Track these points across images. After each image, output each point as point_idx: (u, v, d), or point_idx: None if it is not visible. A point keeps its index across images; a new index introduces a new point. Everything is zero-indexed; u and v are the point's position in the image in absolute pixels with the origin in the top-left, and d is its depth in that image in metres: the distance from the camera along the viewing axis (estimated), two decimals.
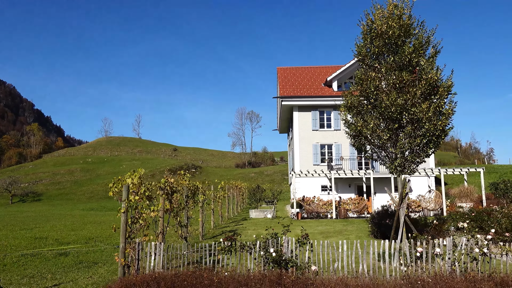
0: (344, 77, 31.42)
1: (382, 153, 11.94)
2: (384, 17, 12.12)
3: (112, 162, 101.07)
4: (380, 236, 15.92)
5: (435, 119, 11.33)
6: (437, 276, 7.25)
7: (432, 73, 11.45)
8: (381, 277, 7.57)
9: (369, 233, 17.54)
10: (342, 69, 30.59)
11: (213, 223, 20.36)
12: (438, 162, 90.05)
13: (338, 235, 17.96)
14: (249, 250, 8.26)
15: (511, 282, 6.84)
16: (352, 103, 12.13)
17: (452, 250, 7.43)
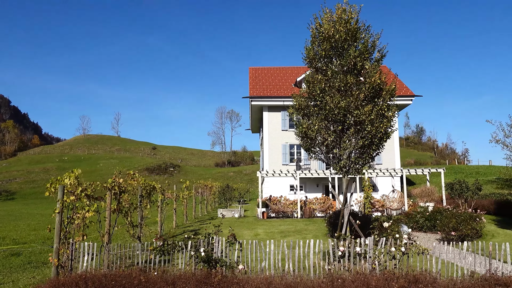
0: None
1: (328, 154, 12.19)
2: (332, 21, 12.37)
3: (89, 160, 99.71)
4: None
5: (378, 122, 11.63)
6: (357, 274, 7.49)
7: (375, 76, 11.74)
8: (306, 276, 7.77)
9: (327, 232, 17.84)
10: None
11: (175, 223, 20.37)
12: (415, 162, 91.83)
13: (296, 235, 18.21)
14: (180, 250, 8.35)
15: (424, 279, 7.12)
16: (300, 104, 12.34)
17: (373, 249, 7.69)
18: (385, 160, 30.48)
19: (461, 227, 14.84)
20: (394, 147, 30.81)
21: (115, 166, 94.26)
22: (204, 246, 8.21)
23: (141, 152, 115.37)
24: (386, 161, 30.47)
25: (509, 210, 19.19)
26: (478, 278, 7.29)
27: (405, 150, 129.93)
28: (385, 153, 30.68)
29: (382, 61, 12.74)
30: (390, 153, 30.66)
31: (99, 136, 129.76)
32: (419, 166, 64.86)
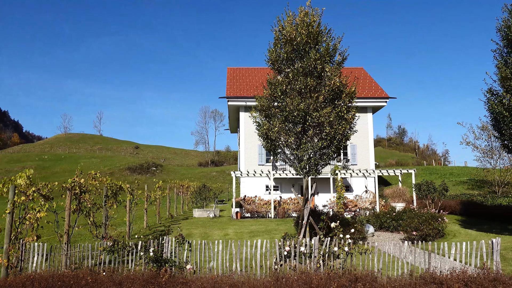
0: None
1: (289, 155, 12.35)
2: (294, 24, 12.54)
3: (70, 159, 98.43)
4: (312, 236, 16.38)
5: (337, 124, 11.84)
6: (302, 273, 7.65)
7: (335, 79, 11.94)
8: (252, 275, 7.90)
9: (296, 233, 17.99)
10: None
11: (145, 223, 20.31)
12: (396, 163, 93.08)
13: (265, 235, 18.35)
14: (131, 250, 8.39)
15: (364, 278, 7.32)
16: (262, 106, 12.47)
17: (318, 249, 7.86)
18: (360, 161, 30.91)
19: (422, 227, 15.18)
20: (369, 148, 31.25)
21: (96, 165, 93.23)
22: (154, 246, 8.26)
23: (123, 151, 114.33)
24: (361, 162, 30.90)
25: (474, 211, 19.67)
26: (416, 277, 7.53)
27: (387, 151, 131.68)
28: (360, 154, 31.16)
29: (343, 64, 12.97)
30: (365, 154, 31.11)
31: (80, 135, 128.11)
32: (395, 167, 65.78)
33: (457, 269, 7.66)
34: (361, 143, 31.13)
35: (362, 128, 31.26)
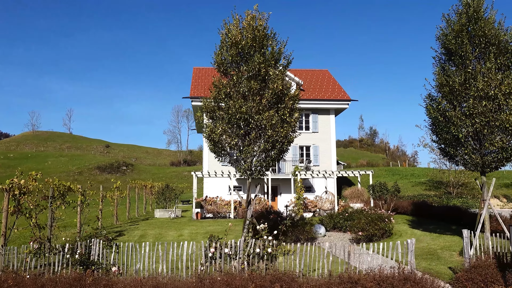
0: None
1: (233, 157, 12.49)
2: (241, 28, 12.69)
3: (37, 158, 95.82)
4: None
5: (279, 127, 12.05)
6: (227, 274, 7.79)
7: (278, 83, 12.16)
8: (178, 277, 8.00)
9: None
10: None
11: (100, 224, 20.06)
12: (367, 163, 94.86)
13: (220, 235, 18.40)
14: (58, 253, 8.34)
15: (285, 278, 7.53)
16: (207, 107, 12.55)
17: (243, 251, 8.03)
18: (322, 162, 31.43)
19: (368, 227, 15.63)
20: (331, 150, 31.81)
21: (65, 164, 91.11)
22: (82, 249, 8.24)
23: (93, 150, 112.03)
24: (323, 163, 31.41)
25: (424, 211, 20.36)
26: (335, 276, 7.80)
27: (359, 152, 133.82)
28: (322, 155, 31.67)
29: (288, 67, 13.21)
30: (327, 155, 31.66)
31: (49, 133, 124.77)
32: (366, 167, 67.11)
33: (375, 269, 7.97)
34: (324, 145, 31.67)
35: (325, 130, 31.83)
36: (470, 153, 12.26)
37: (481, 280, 8.69)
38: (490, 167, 12.33)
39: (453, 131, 12.26)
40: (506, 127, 11.71)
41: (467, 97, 12.15)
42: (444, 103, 12.63)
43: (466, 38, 12.50)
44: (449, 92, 12.52)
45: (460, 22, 12.77)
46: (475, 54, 12.48)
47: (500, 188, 31.12)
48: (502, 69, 12.50)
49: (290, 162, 31.09)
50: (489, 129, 11.93)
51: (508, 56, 12.34)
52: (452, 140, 12.59)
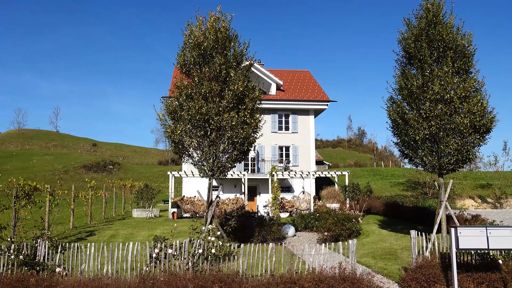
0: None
1: (194, 158, 12.55)
2: (203, 29, 12.77)
3: (22, 156, 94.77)
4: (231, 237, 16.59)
5: (239, 128, 12.15)
6: (171, 275, 7.86)
7: (238, 84, 12.25)
8: (123, 278, 8.05)
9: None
10: None
11: (72, 224, 19.99)
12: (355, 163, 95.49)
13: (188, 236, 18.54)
14: (2, 253, 8.34)
15: (225, 278, 7.62)
16: (168, 108, 12.59)
17: (188, 251, 8.12)
18: (301, 162, 31.61)
19: (334, 227, 15.80)
20: (310, 150, 32.00)
21: (50, 162, 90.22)
22: (28, 249, 8.25)
23: (80, 148, 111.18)
24: (303, 164, 31.60)
25: (395, 212, 20.63)
26: (278, 276, 7.91)
27: (347, 152, 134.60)
28: (302, 155, 31.86)
29: (251, 69, 13.32)
30: (306, 155, 31.85)
31: (35, 131, 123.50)
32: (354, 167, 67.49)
33: (317, 269, 8.11)
34: (303, 145, 31.85)
35: (304, 130, 32.02)
36: (427, 155, 12.48)
37: (424, 280, 8.89)
38: (447, 169, 12.56)
39: (411, 133, 12.48)
40: (461, 130, 11.95)
41: (424, 100, 12.37)
42: (403, 105, 12.84)
43: (425, 42, 12.72)
44: (407, 95, 12.74)
45: (419, 26, 12.99)
46: (434, 58, 12.71)
47: (476, 188, 31.61)
48: (460, 73, 12.75)
49: (270, 162, 31.24)
50: (444, 132, 12.15)
51: (465, 60, 12.59)
52: (410, 142, 12.80)
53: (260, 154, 31.44)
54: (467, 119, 11.89)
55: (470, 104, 11.96)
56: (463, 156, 12.32)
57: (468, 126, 11.92)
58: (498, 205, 29.19)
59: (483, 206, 29.23)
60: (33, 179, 71.53)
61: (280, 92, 32.61)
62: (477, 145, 12.40)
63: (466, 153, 12.26)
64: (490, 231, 8.14)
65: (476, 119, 11.93)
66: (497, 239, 8.12)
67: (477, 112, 11.92)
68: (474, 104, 11.93)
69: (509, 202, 29.38)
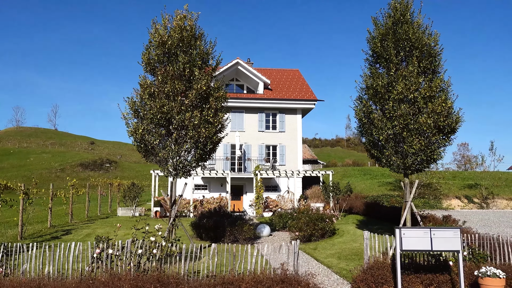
0: (223, 79, 32.14)
1: (157, 157, 12.47)
2: (169, 27, 12.69)
3: (19, 154, 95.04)
4: (204, 237, 16.53)
5: (202, 127, 12.08)
6: (112, 276, 7.81)
7: (202, 83, 12.17)
8: (65, 278, 8.00)
9: (193, 234, 18.05)
10: (219, 71, 31.26)
11: (49, 223, 19.97)
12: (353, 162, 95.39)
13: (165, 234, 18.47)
14: None
15: (166, 279, 7.57)
16: (132, 106, 12.51)
17: (130, 252, 8.07)
18: (288, 161, 31.53)
19: (306, 227, 15.73)
20: (297, 149, 31.91)
21: (47, 160, 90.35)
22: None
23: (77, 146, 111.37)
24: (290, 163, 31.52)
25: (374, 212, 20.55)
26: (219, 277, 7.85)
27: (345, 151, 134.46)
28: (289, 154, 31.78)
29: (217, 68, 13.25)
30: (293, 154, 31.77)
31: (33, 129, 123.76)
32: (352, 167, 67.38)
33: (258, 270, 8.05)
34: (290, 144, 31.77)
35: (291, 130, 31.94)
36: (391, 156, 12.39)
37: (373, 281, 8.82)
38: (411, 169, 12.47)
39: (375, 133, 12.39)
40: (424, 130, 11.85)
41: (389, 100, 12.27)
42: (369, 105, 12.75)
43: (392, 41, 12.61)
44: (373, 94, 12.64)
45: (386, 25, 12.89)
46: (400, 58, 12.60)
47: (463, 189, 31.48)
48: (426, 73, 12.64)
49: (257, 161, 31.18)
50: (408, 132, 12.06)
51: (431, 60, 12.48)
52: (375, 142, 12.71)
53: (247, 153, 31.39)
54: (431, 119, 11.78)
55: (434, 104, 11.85)
56: (428, 156, 12.22)
57: (432, 126, 11.82)
58: (485, 205, 29.07)
59: (469, 206, 29.11)
60: (29, 177, 71.66)
61: (267, 91, 32.52)
62: (442, 145, 12.30)
63: (430, 153, 12.15)
64: (434, 233, 8.07)
65: (440, 119, 11.83)
66: (441, 240, 8.05)
67: (441, 112, 11.81)
68: (439, 104, 11.82)
69: (496, 202, 29.26)
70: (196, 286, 7.39)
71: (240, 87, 33.20)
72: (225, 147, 31.11)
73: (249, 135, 31.47)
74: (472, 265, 9.17)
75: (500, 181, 30.81)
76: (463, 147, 44.58)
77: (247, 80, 32.64)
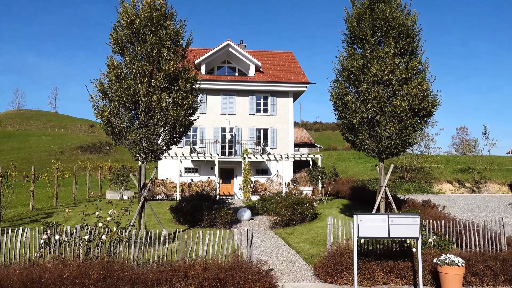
0: (213, 61, 31.66)
1: (125, 140, 12.18)
2: (138, 6, 12.26)
3: (19, 137, 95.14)
4: (182, 221, 16.40)
5: (171, 110, 11.76)
6: (59, 261, 7.63)
7: (170, 64, 11.80)
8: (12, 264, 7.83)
9: (172, 218, 17.86)
10: (210, 53, 30.77)
11: (31, 206, 19.89)
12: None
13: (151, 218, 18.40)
14: None
15: (113, 265, 7.37)
16: (100, 88, 12.17)
17: (79, 237, 7.88)
18: (280, 145, 31.24)
19: (284, 212, 15.53)
20: (289, 133, 31.57)
21: (47, 143, 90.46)
22: None
23: (77, 129, 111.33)
24: (281, 146, 31.23)
25: (359, 196, 20.29)
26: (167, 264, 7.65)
27: None
28: (280, 138, 31.45)
29: (188, 48, 12.85)
30: (285, 138, 31.45)
31: (33, 112, 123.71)
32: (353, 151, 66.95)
33: (210, 257, 7.84)
34: (281, 128, 31.42)
35: (283, 113, 31.54)
36: (365, 139, 12.06)
37: (333, 268, 8.62)
38: (386, 153, 12.15)
39: (348, 116, 12.03)
40: (398, 113, 11.47)
41: (363, 82, 11.87)
42: (344, 87, 12.35)
43: (368, 20, 12.13)
44: (347, 76, 12.24)
45: (363, 4, 12.39)
46: (375, 38, 12.13)
47: (456, 173, 31.16)
48: (403, 54, 12.20)
49: (247, 144, 30.90)
50: (382, 116, 11.69)
51: (408, 41, 12.02)
52: (350, 125, 12.36)
53: (238, 137, 31.08)
54: (406, 102, 11.39)
55: (410, 87, 11.44)
56: (402, 141, 11.87)
57: (406, 109, 11.44)
58: (476, 189, 28.79)
59: (460, 190, 28.84)
60: (29, 159, 71.81)
61: (259, 74, 32.01)
62: (418, 129, 11.93)
63: (405, 138, 11.80)
64: (392, 219, 7.82)
65: (415, 102, 11.43)
66: (399, 227, 7.80)
67: (416, 95, 11.40)
68: (414, 87, 11.41)
69: (488, 187, 28.97)
70: (143, 273, 7.20)
71: (232, 69, 32.69)
72: (215, 130, 30.83)
73: (240, 118, 31.11)
74: (437, 252, 8.94)
75: (493, 166, 30.42)
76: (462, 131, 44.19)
77: (239, 63, 32.10)
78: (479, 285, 8.39)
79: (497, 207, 20.17)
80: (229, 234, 8.38)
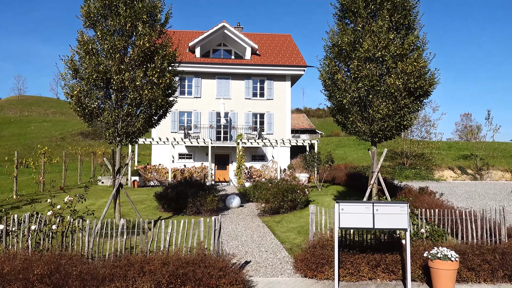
0: (208, 44, 30.61)
1: (94, 121, 11.35)
2: None
3: (20, 123, 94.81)
4: (166, 208, 15.70)
5: (146, 89, 10.89)
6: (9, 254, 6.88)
7: (145, 39, 10.89)
8: None
9: (158, 205, 17.12)
10: (204, 35, 29.70)
11: (15, 192, 19.20)
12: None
13: (138, 204, 17.74)
14: None
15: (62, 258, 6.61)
16: (70, 67, 11.29)
17: (28, 227, 7.10)
18: (277, 130, 30.35)
19: (273, 199, 14.75)
20: (286, 118, 30.65)
21: (48, 129, 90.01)
22: None
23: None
24: (278, 132, 30.35)
25: (355, 182, 19.45)
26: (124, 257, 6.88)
27: None
28: (277, 123, 30.53)
29: (167, 23, 11.91)
30: (282, 123, 30.54)
31: (34, 98, 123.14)
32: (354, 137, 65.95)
33: (173, 250, 7.05)
34: (278, 112, 30.50)
35: (280, 97, 30.56)
36: (356, 121, 11.13)
37: (313, 261, 7.81)
38: (379, 136, 11.23)
39: (338, 96, 11.09)
40: (391, 92, 10.51)
41: (354, 59, 10.89)
42: (334, 64, 11.38)
43: None
44: (338, 53, 11.26)
45: None
46: (368, 11, 11.10)
47: (458, 159, 30.18)
48: (399, 29, 11.18)
49: (243, 129, 30.03)
50: (374, 95, 10.74)
51: (404, 14, 10.99)
52: (340, 106, 11.43)
53: (233, 122, 30.20)
54: (400, 80, 10.42)
55: (405, 64, 10.47)
56: (397, 123, 10.94)
57: (401, 88, 10.47)
58: (478, 176, 27.85)
59: (462, 177, 27.92)
60: (30, 145, 71.39)
61: (255, 57, 30.93)
62: (413, 110, 10.97)
63: (399, 119, 10.86)
64: (377, 208, 6.96)
65: (410, 80, 10.46)
66: (385, 217, 6.94)
67: (412, 72, 10.42)
68: (409, 64, 10.43)
69: (490, 173, 28.01)
70: (95, 268, 6.42)
71: (228, 52, 31.63)
72: (210, 115, 29.95)
73: (235, 103, 30.18)
74: (429, 244, 8.09)
75: (496, 152, 29.39)
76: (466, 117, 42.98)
77: (235, 45, 31.02)
78: (475, 281, 7.56)
79: (499, 194, 19.26)
80: (194, 224, 7.57)
